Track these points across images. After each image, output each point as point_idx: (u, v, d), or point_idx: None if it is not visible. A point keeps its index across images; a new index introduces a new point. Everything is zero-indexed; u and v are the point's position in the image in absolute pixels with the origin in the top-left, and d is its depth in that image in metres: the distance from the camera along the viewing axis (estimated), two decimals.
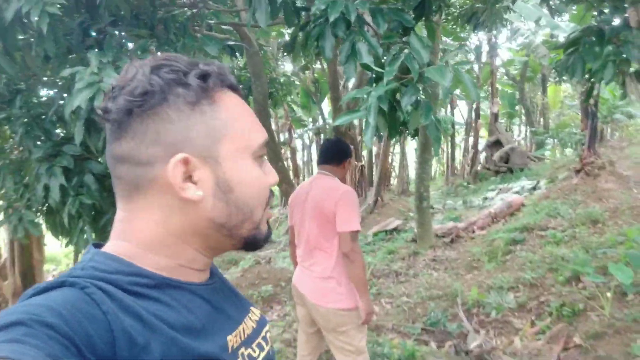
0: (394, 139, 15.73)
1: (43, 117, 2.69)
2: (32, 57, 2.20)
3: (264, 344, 0.80)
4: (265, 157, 0.77)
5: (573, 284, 4.60)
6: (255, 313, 0.84)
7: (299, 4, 2.17)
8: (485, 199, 10.83)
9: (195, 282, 0.71)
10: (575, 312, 4.04)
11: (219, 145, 0.66)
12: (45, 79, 2.61)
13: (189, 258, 0.69)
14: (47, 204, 2.66)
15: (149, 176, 0.64)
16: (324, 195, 2.52)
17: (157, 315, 0.60)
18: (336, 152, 2.65)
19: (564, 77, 2.39)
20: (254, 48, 3.86)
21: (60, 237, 2.98)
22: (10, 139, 3.16)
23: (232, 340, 0.71)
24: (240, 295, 0.85)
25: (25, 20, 2.18)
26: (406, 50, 2.01)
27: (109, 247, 0.66)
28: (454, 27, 5.17)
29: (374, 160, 13.41)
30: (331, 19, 1.87)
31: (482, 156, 16.19)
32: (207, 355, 0.64)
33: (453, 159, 19.23)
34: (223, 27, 3.13)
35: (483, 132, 19.62)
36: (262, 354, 0.78)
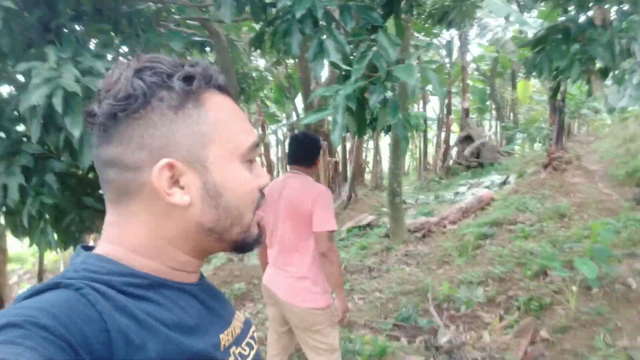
0: (367, 135, 15.81)
1: (1, 114, 2.58)
2: None
3: (252, 342, 0.81)
4: (257, 158, 0.75)
5: (540, 278, 4.70)
6: (240, 316, 0.85)
7: None
8: (457, 193, 10.98)
9: (187, 282, 0.71)
10: (542, 306, 4.12)
11: (206, 150, 0.65)
12: (4, 74, 2.51)
13: (180, 261, 0.69)
14: (5, 204, 2.55)
15: (138, 181, 0.63)
16: (299, 194, 2.48)
17: (151, 314, 0.60)
18: (306, 152, 2.61)
19: (533, 75, 2.42)
20: (222, 44, 3.80)
21: (21, 237, 2.88)
22: None
23: (224, 338, 0.72)
24: (225, 297, 0.85)
25: None
26: (374, 48, 1.99)
27: (101, 250, 0.66)
28: (426, 24, 5.18)
29: (347, 156, 13.45)
30: (297, 15, 1.83)
31: (454, 151, 16.41)
32: (201, 353, 0.64)
33: (425, 154, 19.45)
34: (190, 22, 3.06)
35: (455, 128, 19.89)
36: (252, 353, 0.80)
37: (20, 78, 2.30)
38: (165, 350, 0.59)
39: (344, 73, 1.99)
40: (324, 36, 1.94)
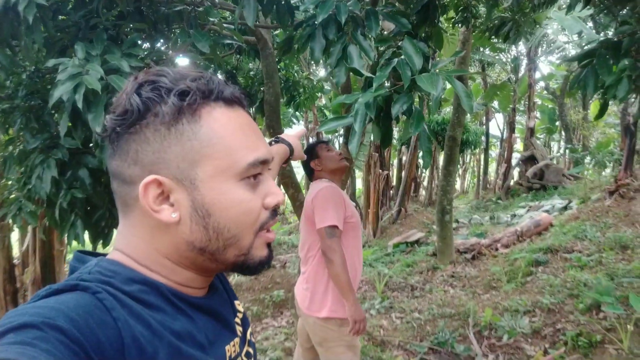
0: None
1: (43, 109, 2.69)
2: (23, 47, 2.19)
3: (251, 351, 0.81)
4: (267, 175, 0.70)
5: (593, 312, 4.33)
6: (239, 310, 0.84)
7: (293, 2, 2.08)
8: (514, 215, 10.47)
9: (198, 295, 0.71)
10: (592, 344, 3.79)
11: (196, 168, 0.63)
12: (43, 70, 2.61)
13: (183, 277, 0.68)
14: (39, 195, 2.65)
15: (133, 195, 0.64)
16: (307, 199, 2.45)
17: (164, 324, 0.61)
18: (305, 167, 2.57)
19: (576, 91, 2.22)
20: (268, 49, 3.80)
21: (57, 229, 2.98)
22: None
23: (229, 350, 0.72)
24: (230, 290, 0.84)
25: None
26: (402, 57, 1.89)
27: (113, 256, 0.67)
28: (482, 37, 4.97)
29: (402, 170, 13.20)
30: (319, 20, 1.77)
31: (516, 171, 15.73)
32: None
33: (486, 172, 18.75)
34: (227, 25, 3.07)
35: (520, 147, 19.09)
36: None
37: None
38: None
39: (367, 81, 1.90)
40: (348, 42, 1.86)
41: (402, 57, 1.86)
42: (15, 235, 7.46)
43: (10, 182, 3.29)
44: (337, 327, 2.31)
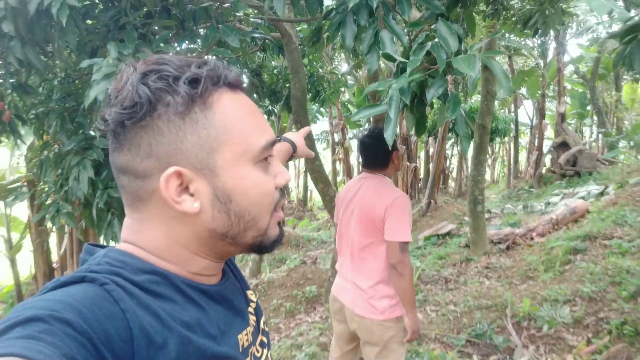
0: (452, 140, 15.26)
1: (77, 111, 2.73)
2: (56, 50, 2.22)
3: (265, 340, 0.81)
4: (273, 156, 0.71)
5: (637, 300, 4.18)
6: (252, 300, 0.84)
7: None
8: (548, 204, 10.21)
9: (208, 283, 0.70)
10: (638, 332, 3.66)
11: (215, 155, 0.63)
12: (76, 72, 2.66)
13: (199, 266, 0.68)
14: (77, 196, 2.69)
15: (148, 189, 0.63)
16: (373, 198, 2.29)
17: (172, 315, 0.60)
18: (378, 154, 2.39)
19: (621, 68, 2.12)
20: (293, 44, 3.78)
21: (93, 229, 3.03)
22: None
23: (242, 339, 0.72)
24: (242, 280, 0.84)
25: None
26: (435, 40, 1.84)
27: (123, 247, 0.66)
28: (511, 29, 4.84)
29: (430, 161, 13.03)
30: (350, 5, 1.73)
31: (548, 159, 15.36)
32: (221, 355, 0.64)
33: (517, 161, 18.38)
34: (253, 20, 3.07)
35: (550, 133, 18.65)
36: (265, 353, 0.79)
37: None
38: (184, 352, 0.58)
39: (399, 66, 1.86)
40: (379, 27, 1.82)
41: (436, 39, 1.82)
42: (53, 240, 7.66)
43: (46, 186, 3.36)
44: (394, 324, 2.32)
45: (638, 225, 6.23)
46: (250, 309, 0.81)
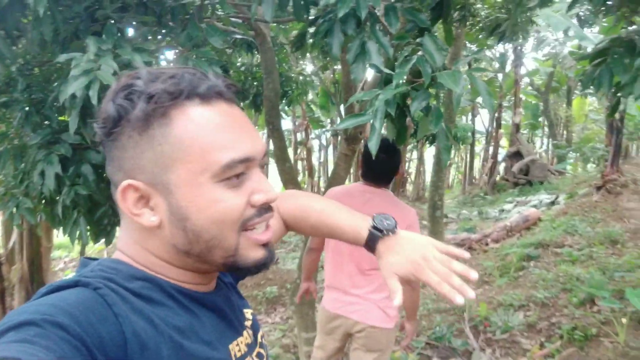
0: (411, 145, 15.53)
1: (43, 102, 2.62)
2: (30, 41, 2.13)
3: (263, 352, 0.80)
4: (256, 171, 0.67)
5: (587, 306, 4.41)
6: (248, 316, 0.83)
7: None
8: (502, 210, 10.59)
9: (201, 291, 0.70)
10: (588, 337, 3.86)
11: (168, 173, 0.62)
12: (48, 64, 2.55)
13: (181, 275, 0.68)
14: (42, 192, 2.58)
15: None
16: (394, 215, 2.32)
17: (165, 320, 0.60)
18: (394, 169, 2.39)
19: (590, 90, 2.23)
20: (267, 44, 3.76)
21: (56, 227, 2.92)
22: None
23: (233, 349, 0.71)
24: (239, 295, 0.84)
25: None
26: (420, 53, 1.88)
27: (116, 255, 0.68)
28: (479, 35, 4.99)
29: None
30: (340, 15, 1.75)
31: (502, 167, 15.90)
32: None
33: (472, 168, 18.93)
34: (235, 20, 3.03)
35: (505, 142, 19.28)
36: None
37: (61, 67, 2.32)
38: (178, 357, 0.59)
39: (384, 77, 1.89)
40: (367, 38, 1.84)
41: (421, 53, 1.86)
42: None
43: (3, 179, 3.20)
44: (395, 330, 2.44)
45: (587, 234, 6.56)
46: (247, 323, 0.81)
